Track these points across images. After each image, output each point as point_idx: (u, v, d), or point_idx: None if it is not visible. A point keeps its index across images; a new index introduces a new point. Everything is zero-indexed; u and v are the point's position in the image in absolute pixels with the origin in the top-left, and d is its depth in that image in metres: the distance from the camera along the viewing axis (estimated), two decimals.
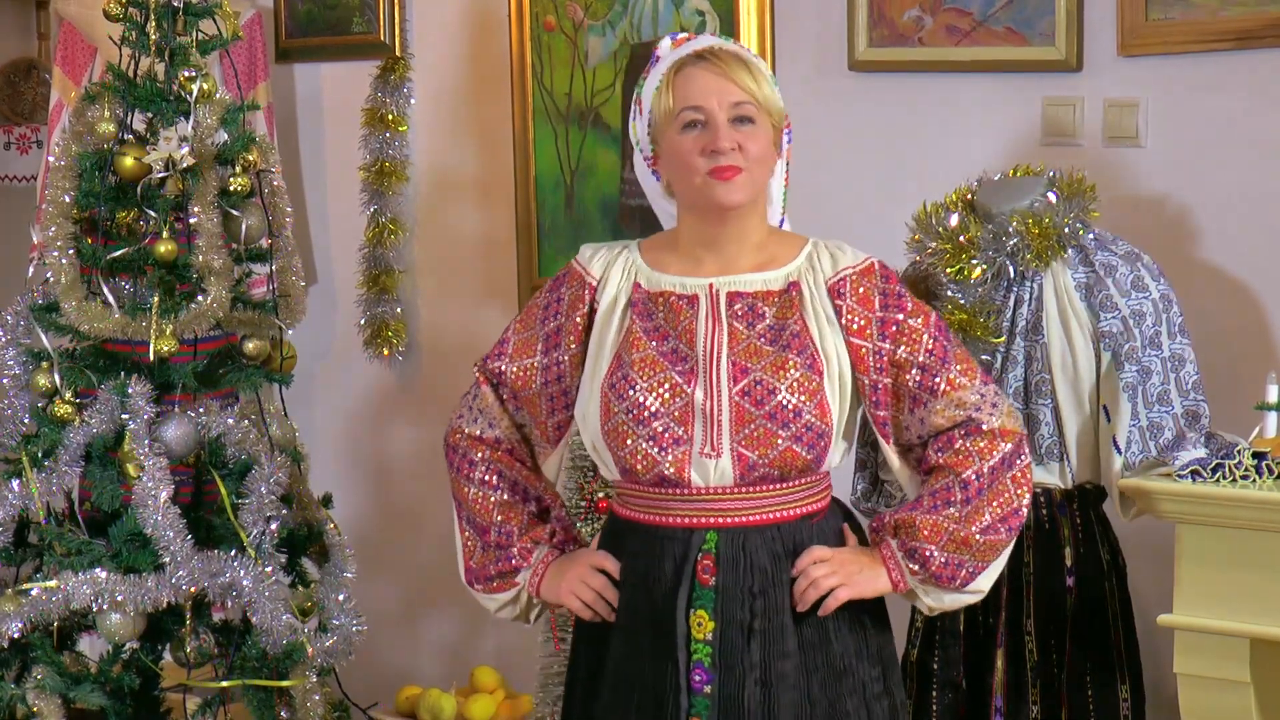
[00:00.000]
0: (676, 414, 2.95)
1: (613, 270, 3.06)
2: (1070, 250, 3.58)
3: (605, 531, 3.12)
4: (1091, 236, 3.60)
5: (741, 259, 3.03)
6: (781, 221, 3.16)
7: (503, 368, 3.11)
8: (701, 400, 2.95)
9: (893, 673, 3.11)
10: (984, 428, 3.03)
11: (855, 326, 3.00)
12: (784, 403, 2.94)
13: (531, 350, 3.08)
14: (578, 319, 3.05)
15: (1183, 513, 3.35)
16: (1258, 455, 3.34)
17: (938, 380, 3.02)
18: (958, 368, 3.03)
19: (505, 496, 3.12)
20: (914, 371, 3.02)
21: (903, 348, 3.01)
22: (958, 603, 3.10)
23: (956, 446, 3.03)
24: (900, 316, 3.02)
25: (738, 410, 2.94)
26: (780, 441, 2.95)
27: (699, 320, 2.99)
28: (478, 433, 3.14)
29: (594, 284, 3.06)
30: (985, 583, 3.07)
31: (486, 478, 3.12)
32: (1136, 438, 3.52)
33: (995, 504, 3.03)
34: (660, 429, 2.95)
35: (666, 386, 2.96)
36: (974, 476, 3.02)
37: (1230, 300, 3.89)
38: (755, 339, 2.98)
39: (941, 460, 3.04)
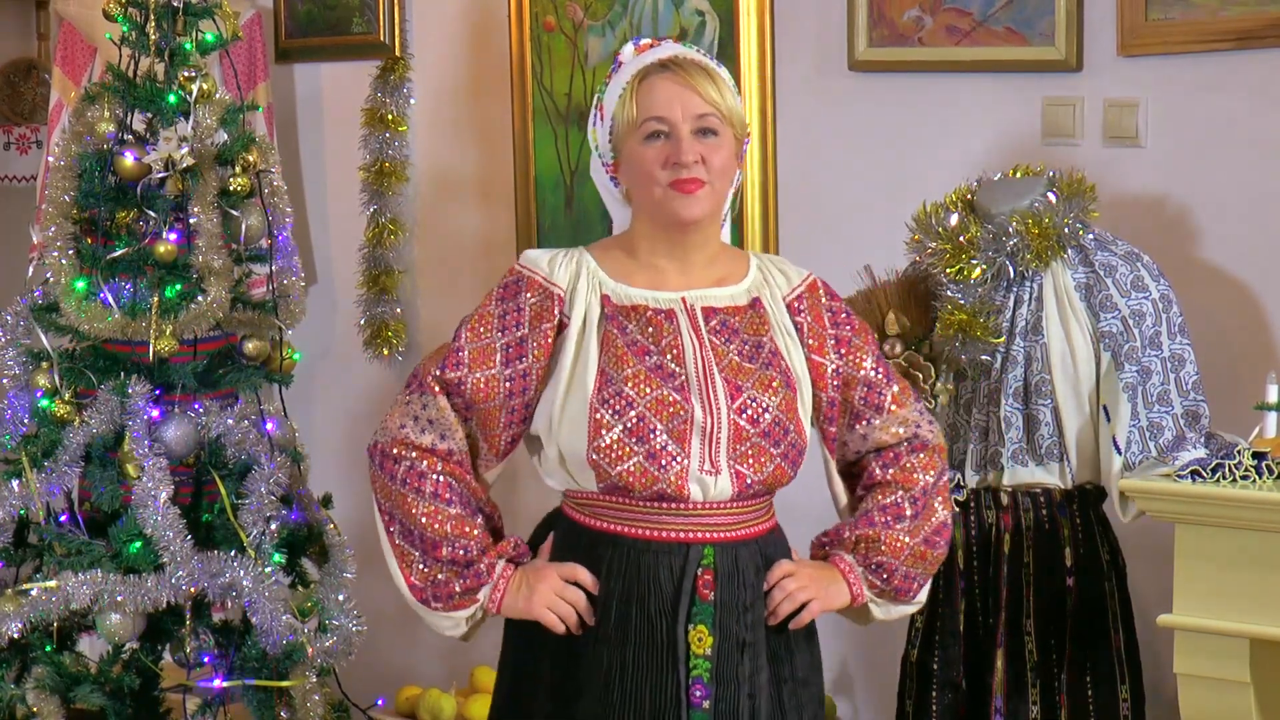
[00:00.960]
0: (674, 430, 2.93)
1: (579, 282, 3.00)
2: (1070, 250, 3.58)
3: (562, 541, 3.04)
4: (1091, 236, 3.60)
5: (701, 272, 3.02)
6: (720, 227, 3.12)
7: (462, 377, 2.99)
8: (701, 418, 2.94)
9: (822, 682, 3.17)
10: (929, 444, 3.10)
11: (815, 344, 3.04)
12: (776, 420, 2.95)
13: (490, 361, 2.98)
14: (547, 329, 2.98)
15: (1183, 513, 3.35)
16: (1258, 455, 3.34)
17: (884, 397, 3.06)
18: (898, 385, 3.10)
19: (459, 510, 2.99)
20: (861, 389, 3.05)
21: (851, 365, 3.05)
22: (902, 613, 3.16)
23: (903, 462, 3.07)
24: (849, 334, 3.06)
25: (735, 428, 2.94)
26: (774, 460, 2.96)
27: (682, 336, 2.97)
28: (428, 443, 3.00)
29: (561, 295, 2.99)
30: (925, 594, 3.15)
31: (439, 491, 2.98)
32: (1136, 438, 3.52)
33: (932, 518, 3.09)
34: (659, 446, 2.92)
35: (665, 402, 2.93)
36: (922, 492, 3.07)
37: (1230, 300, 3.89)
38: (734, 355, 2.97)
39: (889, 476, 3.07)
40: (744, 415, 2.94)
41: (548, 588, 2.98)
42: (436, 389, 3.01)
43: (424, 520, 2.98)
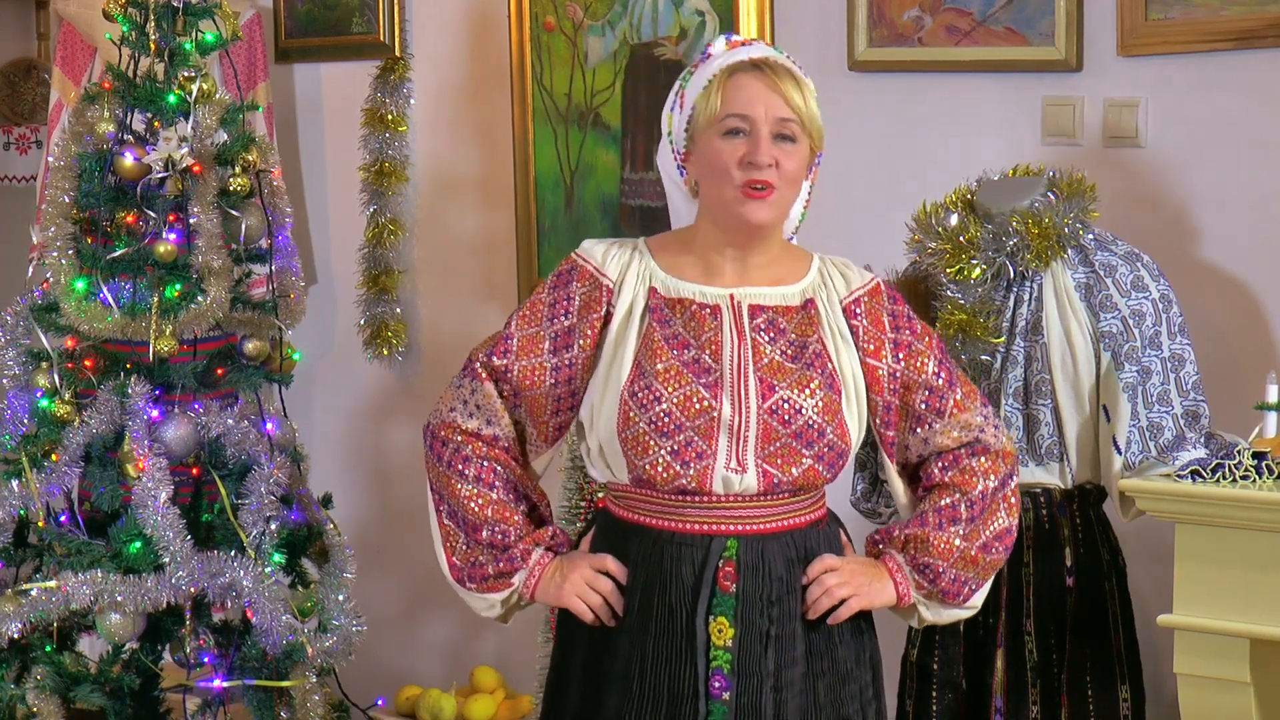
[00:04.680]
0: (701, 427, 2.93)
1: (629, 274, 3.02)
2: (1070, 250, 3.58)
3: (600, 533, 3.09)
4: (1091, 236, 3.60)
5: (758, 271, 3.02)
6: (791, 238, 3.14)
7: (509, 365, 3.03)
8: (729, 416, 2.94)
9: (879, 677, 3.14)
10: (991, 448, 3.08)
11: (871, 348, 3.02)
12: (810, 422, 2.95)
13: (538, 349, 3.02)
14: (594, 319, 3.01)
15: (1183, 513, 3.35)
16: (1258, 455, 3.34)
17: (945, 402, 3.05)
18: (962, 390, 3.08)
19: (501, 495, 3.05)
20: (922, 393, 3.05)
21: (913, 370, 3.04)
22: (954, 617, 3.15)
23: (963, 465, 3.06)
24: (910, 339, 3.05)
25: (765, 428, 2.94)
26: (805, 460, 2.95)
27: (723, 332, 2.98)
28: (474, 428, 3.06)
29: (610, 286, 3.01)
30: (980, 599, 3.13)
31: (483, 475, 3.05)
32: (1136, 438, 3.52)
33: (992, 523, 3.08)
34: (684, 441, 2.93)
35: (693, 399, 2.94)
36: (980, 495, 3.06)
37: (1230, 300, 3.89)
38: (777, 355, 2.97)
39: (948, 478, 3.06)
40: (775, 415, 2.94)
41: (579, 576, 3.02)
42: (484, 375, 3.06)
43: (467, 503, 3.05)
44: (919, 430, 3.06)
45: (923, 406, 3.05)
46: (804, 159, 2.99)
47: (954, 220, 3.64)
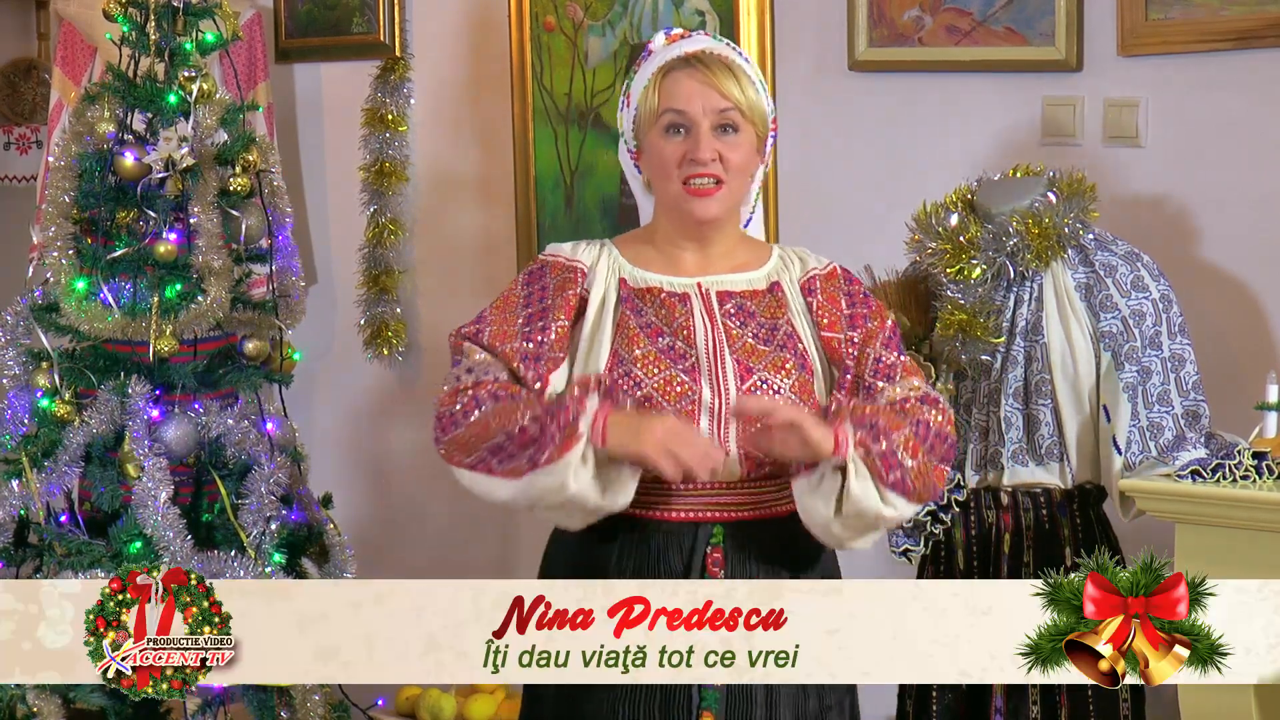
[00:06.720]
0: (682, 412, 2.93)
1: (599, 264, 3.04)
2: (1070, 250, 3.58)
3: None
4: (1091, 236, 3.60)
5: (719, 261, 3.05)
6: (749, 221, 3.15)
7: (480, 329, 2.98)
8: (709, 399, 2.95)
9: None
10: (939, 404, 3.00)
11: (825, 321, 3.04)
12: (788, 402, 2.95)
13: (511, 334, 2.99)
14: (570, 295, 2.99)
15: (1183, 513, 3.35)
16: (1258, 455, 3.34)
17: (895, 369, 3.05)
18: (907, 359, 3.08)
19: (524, 395, 2.89)
20: (871, 363, 3.05)
21: (865, 339, 3.04)
22: (871, 512, 2.91)
23: (910, 405, 2.98)
24: (865, 313, 3.07)
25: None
26: None
27: (694, 318, 2.99)
28: (474, 381, 2.93)
29: (584, 269, 3.02)
30: (903, 510, 2.94)
31: (497, 394, 2.90)
32: (1136, 438, 3.52)
33: (925, 467, 2.94)
34: None
35: (673, 384, 2.95)
36: (925, 425, 2.95)
37: (1230, 300, 3.89)
38: (748, 338, 2.99)
39: (898, 409, 3.01)
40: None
41: (664, 427, 2.83)
42: (464, 344, 2.98)
43: (494, 421, 2.88)
44: (869, 399, 3.03)
45: (871, 375, 3.03)
46: (749, 146, 3.00)
47: (954, 220, 3.64)
